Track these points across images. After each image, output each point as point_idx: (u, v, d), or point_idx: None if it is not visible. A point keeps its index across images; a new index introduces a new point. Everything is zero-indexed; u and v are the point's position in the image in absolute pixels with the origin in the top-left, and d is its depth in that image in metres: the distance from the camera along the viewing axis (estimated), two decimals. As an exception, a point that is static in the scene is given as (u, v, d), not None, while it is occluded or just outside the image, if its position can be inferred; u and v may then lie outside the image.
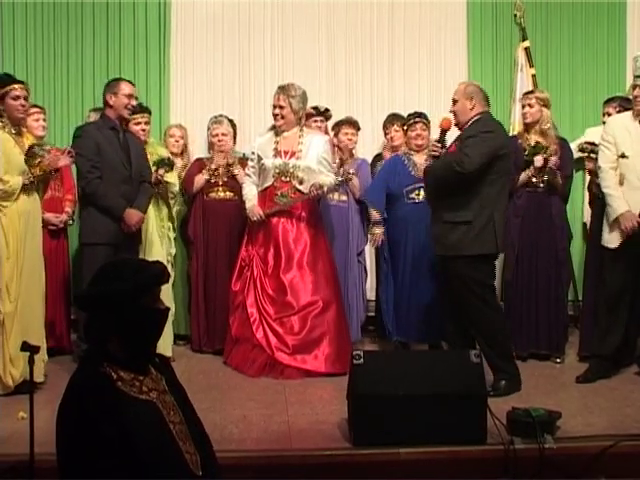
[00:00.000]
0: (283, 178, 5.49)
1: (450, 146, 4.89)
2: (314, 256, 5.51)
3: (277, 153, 5.51)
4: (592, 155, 5.36)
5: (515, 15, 7.08)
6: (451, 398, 3.85)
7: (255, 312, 5.43)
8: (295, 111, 5.54)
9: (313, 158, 5.51)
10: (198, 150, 6.61)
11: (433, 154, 4.86)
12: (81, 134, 5.21)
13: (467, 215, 4.70)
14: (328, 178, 5.53)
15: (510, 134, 6.14)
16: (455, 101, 4.88)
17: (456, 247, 4.74)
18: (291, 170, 5.48)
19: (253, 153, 5.63)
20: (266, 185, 5.53)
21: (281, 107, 5.52)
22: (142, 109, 5.77)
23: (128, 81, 5.35)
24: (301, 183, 5.49)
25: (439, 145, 4.85)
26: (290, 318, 5.38)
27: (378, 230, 5.80)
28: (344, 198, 6.01)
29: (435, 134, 5.90)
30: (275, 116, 5.55)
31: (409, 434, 3.80)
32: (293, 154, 5.50)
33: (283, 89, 5.53)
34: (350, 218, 6.05)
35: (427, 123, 5.85)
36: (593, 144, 5.43)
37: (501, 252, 4.91)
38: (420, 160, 5.76)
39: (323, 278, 5.51)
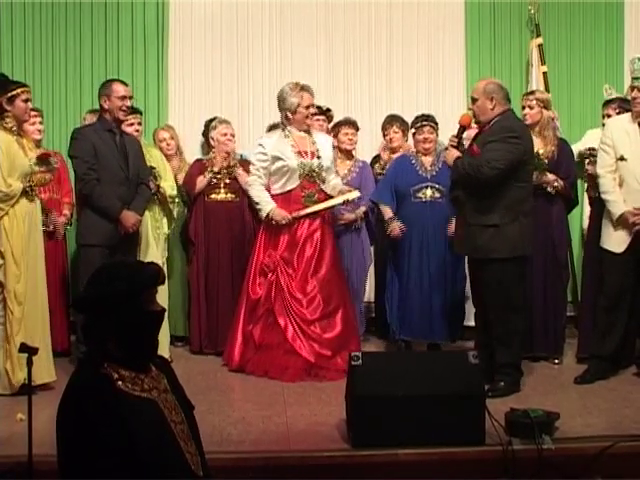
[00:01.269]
0: (309, 179, 5.44)
1: (471, 145, 4.86)
2: (335, 259, 5.50)
3: (299, 154, 5.44)
4: (592, 158, 5.37)
5: (529, 11, 7.06)
6: (449, 399, 3.85)
7: (286, 318, 5.31)
8: None
9: (328, 157, 5.53)
10: (197, 152, 6.63)
11: (451, 144, 4.87)
12: (78, 136, 5.21)
13: (494, 218, 4.71)
14: (337, 180, 5.60)
15: None
16: (475, 99, 4.83)
17: (484, 250, 4.76)
18: (317, 170, 5.44)
19: (265, 154, 5.49)
20: (290, 187, 5.44)
21: (314, 106, 5.52)
22: (133, 110, 5.74)
23: (121, 81, 5.33)
24: (323, 182, 5.48)
25: (456, 140, 4.87)
26: (323, 321, 5.33)
27: (393, 223, 5.71)
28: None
29: (441, 136, 5.96)
30: (312, 115, 5.54)
31: (407, 435, 3.80)
32: (313, 154, 5.47)
33: (309, 89, 5.49)
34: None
35: (434, 126, 5.84)
36: (592, 149, 5.45)
37: (528, 254, 4.90)
38: (428, 161, 5.78)
39: (343, 280, 5.56)
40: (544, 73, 6.96)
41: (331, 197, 5.49)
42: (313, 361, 5.21)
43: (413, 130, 5.90)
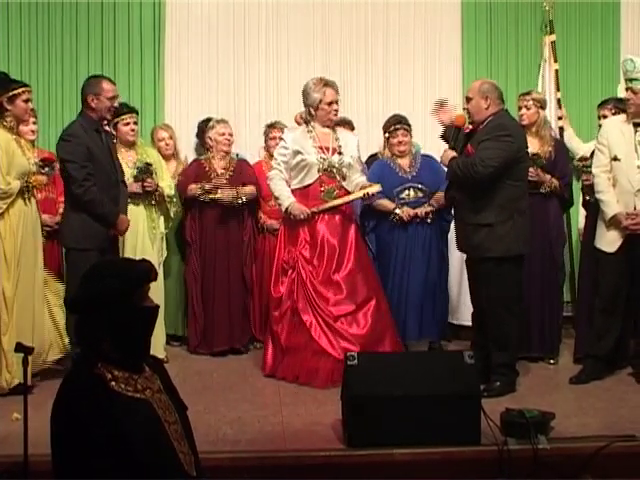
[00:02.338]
0: (329, 174, 5.34)
1: (465, 145, 4.89)
2: (359, 252, 5.38)
3: (319, 149, 5.34)
4: (585, 169, 5.40)
5: (544, 7, 7.04)
6: (445, 399, 3.85)
7: (310, 316, 5.18)
8: None
9: (351, 155, 5.43)
10: (190, 153, 6.64)
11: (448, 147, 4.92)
12: (70, 139, 5.03)
13: (488, 217, 4.73)
14: (362, 178, 5.49)
15: None
16: (469, 99, 4.87)
17: (480, 249, 4.78)
18: (337, 166, 5.34)
19: (286, 148, 5.38)
20: (309, 182, 5.33)
21: (337, 102, 5.40)
22: (130, 109, 5.73)
23: (109, 79, 5.22)
24: (344, 179, 5.38)
25: (452, 142, 4.90)
26: (349, 317, 5.20)
27: (401, 209, 5.69)
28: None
29: (416, 138, 5.98)
30: (335, 112, 5.42)
31: (403, 435, 3.80)
32: (334, 150, 5.37)
33: (333, 84, 5.36)
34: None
35: (408, 128, 5.86)
36: (585, 159, 5.48)
37: (524, 253, 4.89)
38: (405, 163, 5.82)
39: (370, 273, 5.43)
40: (556, 70, 6.94)
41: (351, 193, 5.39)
42: (340, 357, 4.93)
43: (387, 134, 5.90)
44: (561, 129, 6.44)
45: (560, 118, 6.62)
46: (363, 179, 5.50)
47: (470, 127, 5.13)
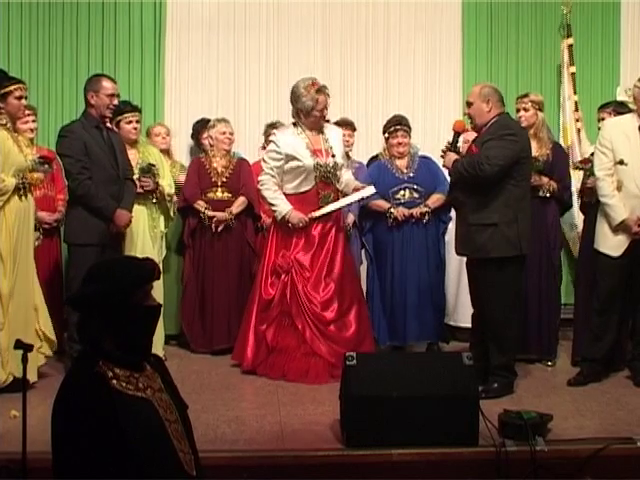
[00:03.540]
0: (326, 180, 5.28)
1: (470, 147, 4.91)
2: (347, 257, 5.42)
3: (314, 153, 5.26)
4: (587, 172, 5.39)
5: (562, 11, 7.06)
6: (443, 400, 3.85)
7: (303, 321, 5.19)
8: None
9: (341, 154, 5.39)
10: (185, 154, 6.64)
11: (447, 149, 4.91)
12: (68, 134, 5.10)
13: (492, 217, 4.72)
14: (349, 175, 5.48)
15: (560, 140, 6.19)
16: (470, 103, 4.87)
17: (483, 249, 4.77)
18: (332, 171, 5.28)
19: (279, 153, 5.26)
20: (305, 188, 5.27)
21: (327, 108, 5.34)
22: (133, 108, 5.74)
23: (109, 78, 5.26)
24: (338, 182, 5.34)
25: (450, 145, 4.91)
26: (339, 321, 5.23)
27: (396, 209, 5.70)
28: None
29: (415, 139, 5.99)
30: (324, 116, 5.35)
31: (401, 435, 3.81)
32: (327, 153, 5.30)
33: (325, 90, 5.26)
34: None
35: (408, 130, 5.87)
36: (585, 162, 5.49)
37: (527, 253, 4.88)
38: (403, 164, 5.83)
39: (355, 277, 5.51)
40: (572, 74, 6.95)
41: (345, 195, 5.35)
42: (334, 361, 5.05)
43: (386, 135, 5.91)
44: (578, 131, 6.47)
45: (577, 120, 6.65)
46: (349, 175, 5.49)
47: (468, 129, 5.17)
